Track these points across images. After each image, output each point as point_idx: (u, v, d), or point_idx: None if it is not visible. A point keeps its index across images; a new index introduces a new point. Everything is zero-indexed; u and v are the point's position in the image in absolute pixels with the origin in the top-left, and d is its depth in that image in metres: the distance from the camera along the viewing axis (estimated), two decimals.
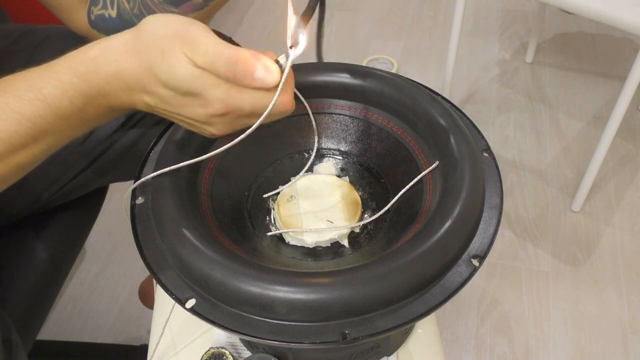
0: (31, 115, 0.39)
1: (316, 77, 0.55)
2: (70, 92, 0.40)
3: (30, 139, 0.39)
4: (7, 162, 0.40)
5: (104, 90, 0.40)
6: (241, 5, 1.93)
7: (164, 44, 0.38)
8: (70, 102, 0.40)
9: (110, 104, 0.42)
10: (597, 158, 1.16)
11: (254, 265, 0.41)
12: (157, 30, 0.39)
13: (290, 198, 0.55)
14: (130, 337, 1.12)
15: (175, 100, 0.40)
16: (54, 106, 0.39)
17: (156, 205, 0.46)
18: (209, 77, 0.38)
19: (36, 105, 0.39)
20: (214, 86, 0.38)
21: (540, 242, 1.24)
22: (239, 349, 0.53)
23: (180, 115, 0.41)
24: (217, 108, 0.39)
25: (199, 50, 0.38)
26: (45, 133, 0.40)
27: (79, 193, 0.69)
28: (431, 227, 0.42)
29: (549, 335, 1.10)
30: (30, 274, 0.63)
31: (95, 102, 0.41)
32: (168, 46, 0.38)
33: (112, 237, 1.27)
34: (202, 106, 0.39)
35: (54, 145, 0.42)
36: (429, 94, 0.53)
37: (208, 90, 0.38)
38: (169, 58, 0.38)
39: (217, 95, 0.39)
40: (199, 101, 0.39)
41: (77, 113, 0.40)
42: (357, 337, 0.38)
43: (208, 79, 0.38)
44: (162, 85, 0.39)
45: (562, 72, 1.63)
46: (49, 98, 0.39)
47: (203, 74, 0.38)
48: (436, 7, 1.89)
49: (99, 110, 0.42)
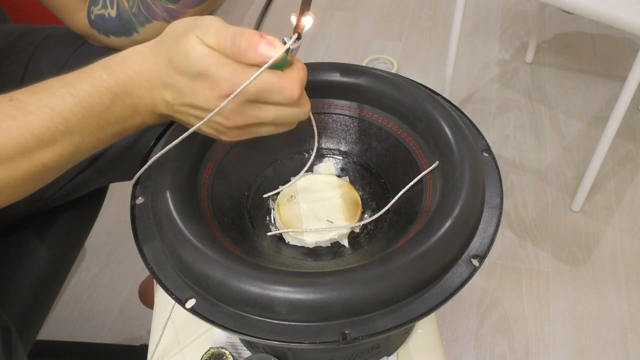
0: (62, 110, 0.40)
1: (316, 77, 0.55)
2: (99, 87, 0.41)
3: (59, 135, 0.40)
4: (35, 159, 0.40)
5: (129, 88, 0.42)
6: (241, 6, 1.93)
7: (179, 33, 0.40)
8: (99, 98, 0.41)
9: (135, 105, 0.43)
10: (597, 158, 1.16)
11: (254, 265, 0.41)
12: (176, 27, 0.42)
13: (290, 198, 0.55)
14: (130, 337, 1.12)
15: (188, 87, 0.41)
16: (84, 101, 0.40)
17: (156, 205, 0.46)
18: (216, 55, 0.39)
19: (68, 100, 0.40)
20: (220, 65, 0.39)
21: (540, 242, 1.24)
22: (239, 349, 0.53)
23: (194, 108, 0.42)
24: (223, 87, 0.39)
25: (208, 31, 0.39)
26: (74, 131, 0.41)
27: (79, 193, 0.69)
28: (431, 227, 0.42)
29: (549, 335, 1.10)
30: (30, 274, 0.63)
31: (121, 101, 0.42)
32: (182, 33, 0.40)
33: (112, 237, 1.27)
34: (210, 88, 0.40)
35: (80, 146, 0.42)
36: (429, 94, 0.53)
37: (216, 68, 0.39)
38: (183, 43, 0.40)
39: (224, 74, 0.39)
40: (208, 82, 0.40)
41: (105, 111, 0.42)
42: (357, 337, 0.38)
43: (215, 56, 0.39)
44: (178, 72, 0.40)
45: (562, 72, 1.63)
46: (80, 93, 0.40)
47: (211, 52, 0.39)
48: (436, 7, 1.89)
49: (124, 110, 0.43)
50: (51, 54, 0.66)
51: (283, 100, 0.41)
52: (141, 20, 0.60)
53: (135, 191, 0.49)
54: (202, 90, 0.40)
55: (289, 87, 0.40)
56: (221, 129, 0.43)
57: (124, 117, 0.43)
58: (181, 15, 0.59)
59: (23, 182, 0.40)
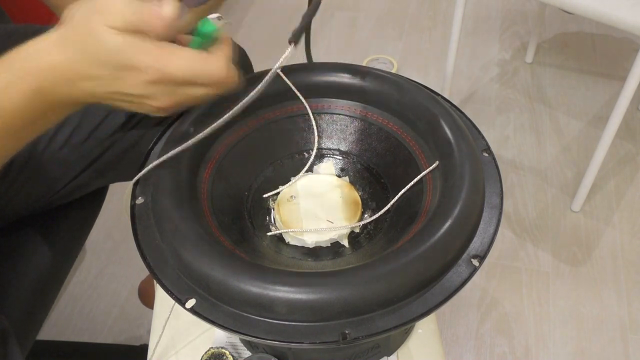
0: None
1: (316, 77, 0.55)
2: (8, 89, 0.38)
3: None
4: None
5: (41, 86, 0.39)
6: (241, 6, 1.93)
7: (83, 22, 0.38)
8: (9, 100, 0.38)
9: (51, 102, 0.40)
10: (597, 158, 1.16)
11: (254, 265, 0.41)
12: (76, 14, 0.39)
13: (290, 198, 0.55)
14: (130, 337, 1.12)
15: (111, 77, 0.39)
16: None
17: (156, 205, 0.46)
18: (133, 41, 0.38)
19: None
20: (141, 52, 0.38)
21: (540, 242, 1.24)
22: (239, 349, 0.53)
23: (122, 95, 0.41)
24: (150, 74, 0.38)
25: (112, 14, 0.37)
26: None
27: (79, 193, 0.69)
28: (431, 227, 0.42)
29: (549, 335, 1.10)
30: (29, 274, 0.63)
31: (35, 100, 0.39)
32: (87, 22, 0.38)
33: (112, 237, 1.27)
34: (137, 77, 0.39)
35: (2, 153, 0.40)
36: (429, 94, 0.53)
37: (137, 57, 0.38)
38: (94, 34, 0.38)
39: (147, 62, 0.38)
40: (133, 72, 0.39)
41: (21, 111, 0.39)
42: (357, 337, 0.38)
43: (132, 44, 0.38)
44: (96, 63, 0.38)
45: (562, 72, 1.63)
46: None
47: (126, 40, 0.38)
48: (436, 7, 1.89)
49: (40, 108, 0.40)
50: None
51: (211, 82, 0.40)
52: None
53: (135, 191, 0.49)
54: (129, 78, 0.39)
55: (215, 69, 0.40)
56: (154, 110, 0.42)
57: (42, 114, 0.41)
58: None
59: None
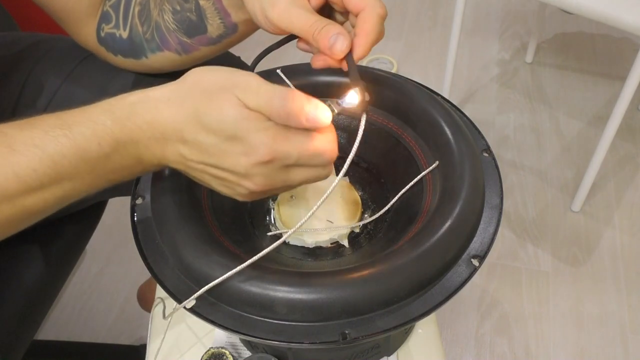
0: (54, 153, 0.36)
1: (316, 77, 0.55)
2: (100, 133, 0.37)
3: (47, 179, 0.37)
4: (17, 203, 0.37)
5: (136, 137, 0.38)
6: None
7: (212, 88, 0.37)
8: (98, 144, 0.37)
9: (140, 155, 0.39)
10: (597, 158, 1.16)
11: (254, 265, 0.41)
12: (203, 77, 0.38)
13: (290, 198, 0.55)
14: (130, 337, 1.12)
15: (216, 148, 0.37)
16: (80, 147, 0.37)
17: (156, 205, 0.46)
18: (258, 119, 0.37)
19: (62, 142, 0.37)
20: (261, 130, 0.36)
21: (540, 242, 1.24)
22: (239, 349, 0.53)
23: (217, 168, 0.39)
24: (262, 154, 0.37)
25: (251, 92, 0.36)
26: (64, 176, 0.37)
27: (78, 207, 0.69)
28: (431, 227, 0.42)
29: (549, 335, 1.10)
30: (23, 286, 0.62)
31: (124, 150, 0.38)
32: (218, 90, 0.37)
33: (112, 237, 1.27)
34: (245, 154, 0.37)
35: (69, 193, 0.39)
36: (429, 94, 0.53)
37: (254, 133, 0.36)
38: (218, 101, 0.37)
39: (263, 139, 0.36)
40: (243, 147, 0.37)
41: (103, 159, 0.38)
42: (357, 337, 0.38)
43: (256, 121, 0.36)
44: (206, 130, 0.37)
45: (562, 72, 1.63)
46: (77, 137, 0.37)
47: (251, 115, 0.36)
48: (436, 7, 1.89)
49: (126, 159, 0.39)
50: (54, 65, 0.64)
51: (321, 163, 0.39)
52: (152, 47, 0.57)
53: (135, 191, 0.49)
54: (235, 154, 0.37)
55: (329, 151, 0.39)
56: (243, 192, 0.40)
57: (124, 166, 0.40)
58: (194, 51, 0.56)
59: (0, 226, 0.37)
